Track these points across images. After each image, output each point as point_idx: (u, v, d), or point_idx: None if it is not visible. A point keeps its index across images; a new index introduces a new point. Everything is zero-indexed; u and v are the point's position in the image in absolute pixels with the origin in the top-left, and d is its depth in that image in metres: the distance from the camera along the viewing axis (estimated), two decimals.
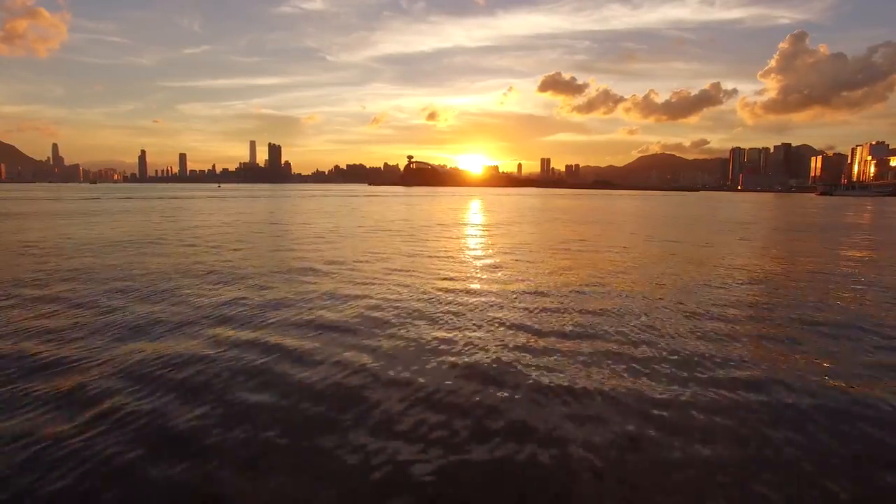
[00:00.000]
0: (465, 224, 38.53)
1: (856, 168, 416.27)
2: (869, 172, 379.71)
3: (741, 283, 15.04)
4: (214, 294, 12.61)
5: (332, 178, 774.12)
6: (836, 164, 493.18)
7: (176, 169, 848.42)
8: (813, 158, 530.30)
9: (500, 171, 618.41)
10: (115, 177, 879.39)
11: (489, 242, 25.51)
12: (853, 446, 5.68)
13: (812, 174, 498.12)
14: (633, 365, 7.98)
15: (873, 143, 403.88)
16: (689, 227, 37.68)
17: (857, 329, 10.20)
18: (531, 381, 7.26)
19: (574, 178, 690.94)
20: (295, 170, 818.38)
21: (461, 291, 13.34)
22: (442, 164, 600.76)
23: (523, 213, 53.43)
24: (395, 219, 42.09)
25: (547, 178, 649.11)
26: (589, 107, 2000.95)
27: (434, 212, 54.57)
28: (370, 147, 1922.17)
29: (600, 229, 33.92)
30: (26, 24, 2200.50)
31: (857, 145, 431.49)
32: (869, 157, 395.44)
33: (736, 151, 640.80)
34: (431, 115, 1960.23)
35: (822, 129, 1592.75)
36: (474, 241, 26.36)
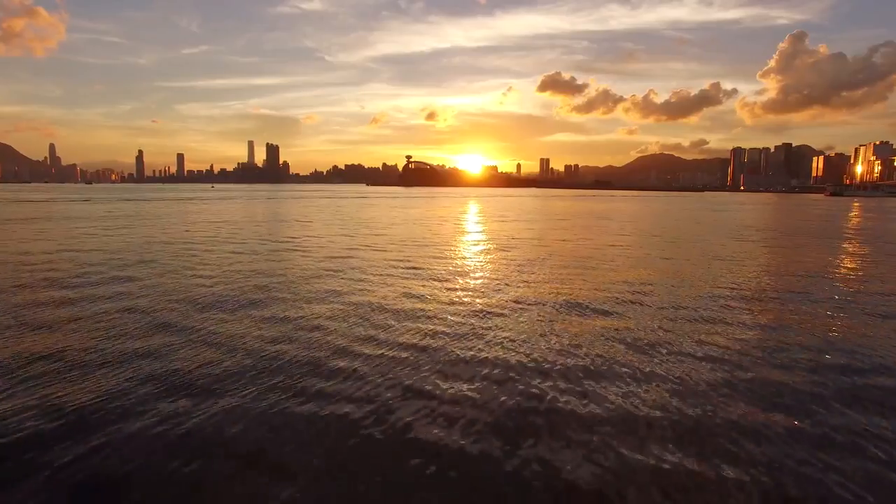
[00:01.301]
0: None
1: (859, 168, 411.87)
2: (874, 172, 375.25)
3: None
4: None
5: (331, 178, 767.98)
6: (838, 164, 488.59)
7: (174, 169, 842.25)
8: (814, 158, 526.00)
9: (499, 171, 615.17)
10: (113, 177, 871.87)
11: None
12: None
13: (813, 174, 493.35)
14: None
15: (877, 143, 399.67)
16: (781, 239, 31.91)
17: None
18: None
19: (573, 179, 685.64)
20: (293, 170, 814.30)
21: None
22: (441, 164, 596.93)
23: (546, 222, 47.61)
24: (385, 231, 36.28)
25: (546, 179, 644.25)
26: (588, 107, 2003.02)
27: (432, 219, 48.87)
28: (369, 147, 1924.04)
29: (685, 252, 28.07)
30: (24, 23, 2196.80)
31: (861, 145, 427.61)
32: (873, 157, 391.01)
33: (736, 151, 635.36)
34: (430, 115, 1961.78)
35: (821, 129, 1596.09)
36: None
